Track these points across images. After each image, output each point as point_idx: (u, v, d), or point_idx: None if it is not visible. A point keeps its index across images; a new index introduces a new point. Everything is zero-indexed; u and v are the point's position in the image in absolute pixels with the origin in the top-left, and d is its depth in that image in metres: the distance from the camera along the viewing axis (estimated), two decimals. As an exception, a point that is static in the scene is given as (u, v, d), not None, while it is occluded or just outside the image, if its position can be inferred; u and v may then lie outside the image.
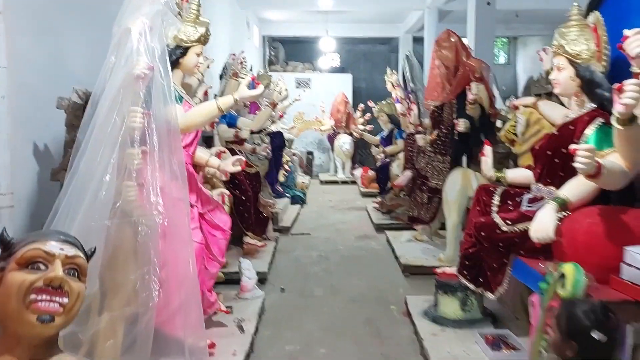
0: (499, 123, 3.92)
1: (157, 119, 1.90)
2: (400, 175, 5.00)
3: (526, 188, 2.52)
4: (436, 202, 4.07)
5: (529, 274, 2.11)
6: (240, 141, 4.16)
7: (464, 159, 4.10)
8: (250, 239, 4.02)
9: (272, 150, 5.73)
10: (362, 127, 10.02)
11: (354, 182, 9.34)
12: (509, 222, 2.26)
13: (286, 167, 7.47)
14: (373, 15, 10.38)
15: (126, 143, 1.78)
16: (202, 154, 2.65)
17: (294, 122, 10.74)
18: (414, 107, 4.58)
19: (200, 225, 2.38)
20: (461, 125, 3.66)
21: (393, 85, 8.45)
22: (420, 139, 3.97)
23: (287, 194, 6.62)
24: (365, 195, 8.05)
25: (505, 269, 2.31)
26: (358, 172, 8.73)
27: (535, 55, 3.75)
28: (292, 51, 12.41)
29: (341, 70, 11.51)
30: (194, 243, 2.12)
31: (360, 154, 11.05)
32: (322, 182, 9.67)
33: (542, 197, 2.32)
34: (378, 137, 6.36)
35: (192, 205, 2.27)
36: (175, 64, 2.28)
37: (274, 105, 6.93)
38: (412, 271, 3.84)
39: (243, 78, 4.07)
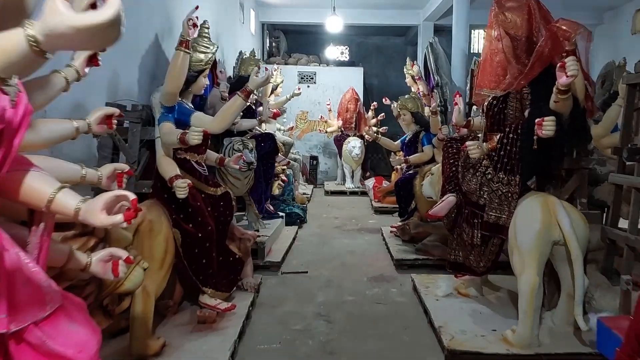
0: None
1: None
2: (430, 194, 3.59)
3: None
4: (496, 245, 2.67)
5: None
6: (198, 148, 2.77)
7: (538, 180, 2.71)
8: (208, 299, 2.63)
9: (260, 157, 4.36)
10: (375, 128, 8.64)
11: (364, 193, 7.95)
12: None
13: (282, 177, 6.09)
14: (388, -1, 8.98)
15: None
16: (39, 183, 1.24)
17: (296, 122, 9.41)
18: (460, 102, 3.18)
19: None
20: (548, 126, 2.25)
21: (414, 78, 7.06)
22: (474, 149, 2.57)
23: (280, 213, 5.24)
24: (379, 211, 6.65)
25: None
26: (370, 182, 7.32)
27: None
28: (295, 42, 11.05)
29: (351, 64, 10.12)
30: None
31: (371, 159, 9.68)
32: (327, 193, 8.28)
33: None
34: (398, 143, 4.95)
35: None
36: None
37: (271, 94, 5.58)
38: (460, 359, 2.42)
39: (203, 52, 2.70)
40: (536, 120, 2.31)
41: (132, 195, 1.12)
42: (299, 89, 6.09)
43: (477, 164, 2.78)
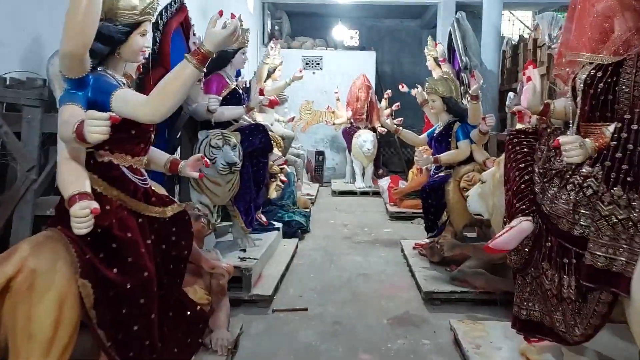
0: None
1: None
2: (480, 210, 2.58)
3: None
4: (604, 303, 1.66)
5: None
6: (133, 146, 1.74)
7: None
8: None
9: (248, 155, 3.39)
10: (388, 120, 7.60)
11: (376, 193, 6.96)
12: None
13: (282, 177, 5.10)
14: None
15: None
16: None
17: (299, 113, 8.40)
18: (536, 75, 2.11)
19: None
20: None
21: (436, 61, 6.03)
22: (574, 149, 1.57)
23: (276, 224, 4.26)
24: (395, 216, 5.65)
25: None
26: (384, 182, 6.30)
27: None
28: (300, 25, 10.01)
29: (361, 49, 9.06)
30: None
31: (383, 154, 8.66)
32: (334, 193, 7.28)
33: None
34: (424, 137, 3.93)
35: None
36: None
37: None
38: None
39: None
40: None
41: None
42: (300, 71, 5.06)
43: (567, 171, 1.77)
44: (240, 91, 3.53)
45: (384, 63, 10.44)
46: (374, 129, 7.34)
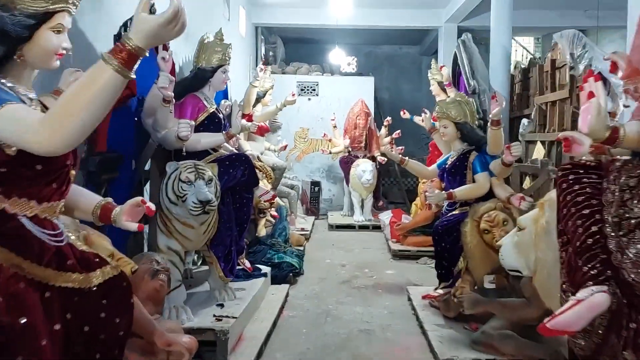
0: None
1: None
2: (517, 265, 2.04)
3: None
4: None
5: None
6: (41, 187, 1.20)
7: None
8: None
9: (229, 191, 2.88)
10: (393, 150, 7.13)
11: (376, 227, 6.42)
12: None
13: (272, 212, 4.57)
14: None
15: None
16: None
17: (294, 141, 7.94)
18: (602, 96, 1.61)
19: None
20: None
21: (441, 86, 5.60)
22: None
23: (262, 269, 3.69)
24: (398, 255, 5.09)
25: None
26: (386, 216, 5.76)
27: None
28: (295, 52, 9.66)
29: (359, 75, 8.66)
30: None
31: (382, 184, 8.17)
32: (331, 227, 6.73)
33: None
34: (434, 168, 3.40)
35: None
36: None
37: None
38: None
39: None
40: None
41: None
42: (293, 95, 4.59)
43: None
44: (221, 116, 3.03)
45: (382, 90, 10.06)
46: (373, 158, 6.86)
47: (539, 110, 4.55)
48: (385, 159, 6.80)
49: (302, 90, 8.00)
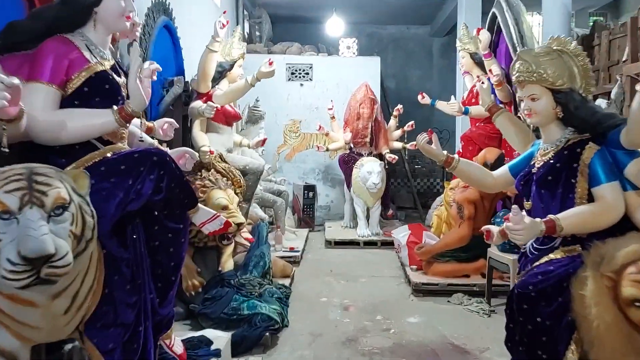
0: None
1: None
2: None
3: None
4: None
5: None
6: None
7: None
8: None
9: (131, 217, 1.46)
10: (399, 143, 5.74)
11: (386, 244, 5.05)
12: None
13: (243, 238, 3.18)
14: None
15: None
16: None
17: (284, 136, 6.55)
18: None
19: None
20: None
21: (474, 58, 4.20)
22: None
23: (210, 339, 2.28)
24: (422, 290, 3.68)
25: None
26: (402, 234, 4.30)
27: None
28: (285, 31, 8.24)
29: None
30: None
31: (390, 185, 6.75)
32: (329, 244, 5.33)
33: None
34: (504, 172, 2.00)
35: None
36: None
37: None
38: None
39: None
40: None
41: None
42: (270, 63, 3.08)
43: None
44: (119, 80, 1.62)
45: (387, 78, 8.65)
46: (380, 157, 5.46)
47: (630, 81, 3.16)
48: (396, 158, 5.42)
49: (292, 74, 6.60)
